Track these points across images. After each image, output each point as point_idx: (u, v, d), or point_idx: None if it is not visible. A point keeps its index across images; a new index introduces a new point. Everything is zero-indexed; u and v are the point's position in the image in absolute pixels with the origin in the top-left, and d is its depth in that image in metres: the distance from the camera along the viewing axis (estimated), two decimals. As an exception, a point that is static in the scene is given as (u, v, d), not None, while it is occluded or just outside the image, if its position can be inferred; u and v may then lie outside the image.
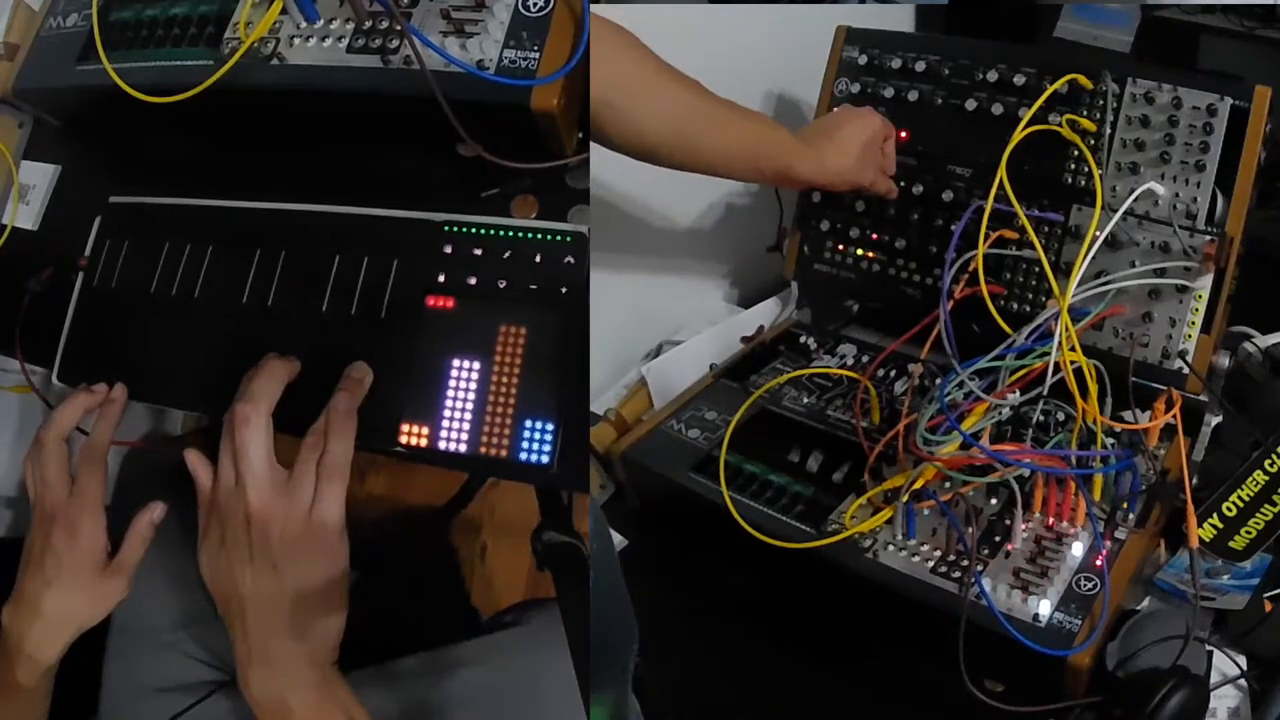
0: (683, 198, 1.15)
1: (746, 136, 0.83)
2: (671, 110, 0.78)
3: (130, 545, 0.71)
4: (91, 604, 0.70)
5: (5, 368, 0.90)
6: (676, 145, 0.79)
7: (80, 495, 0.70)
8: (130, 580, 0.71)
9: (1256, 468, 0.72)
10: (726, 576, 0.85)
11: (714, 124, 0.81)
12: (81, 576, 0.69)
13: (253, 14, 0.75)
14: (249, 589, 0.64)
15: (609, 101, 0.74)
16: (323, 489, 0.64)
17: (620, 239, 1.05)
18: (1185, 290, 0.82)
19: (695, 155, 0.81)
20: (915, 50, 0.97)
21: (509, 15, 0.69)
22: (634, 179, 0.80)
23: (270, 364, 0.67)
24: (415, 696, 0.83)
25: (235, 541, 0.64)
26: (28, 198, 0.92)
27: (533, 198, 0.75)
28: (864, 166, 0.90)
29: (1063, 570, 0.72)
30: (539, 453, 0.67)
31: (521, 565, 1.46)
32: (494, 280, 0.71)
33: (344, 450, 0.65)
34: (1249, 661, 0.69)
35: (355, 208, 0.76)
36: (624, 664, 0.59)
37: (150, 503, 0.73)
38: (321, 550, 0.65)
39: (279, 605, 0.64)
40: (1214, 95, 0.81)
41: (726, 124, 0.82)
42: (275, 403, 0.65)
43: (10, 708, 0.70)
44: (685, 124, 0.79)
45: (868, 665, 0.78)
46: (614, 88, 0.74)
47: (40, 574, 0.69)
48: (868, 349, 1.00)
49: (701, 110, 0.80)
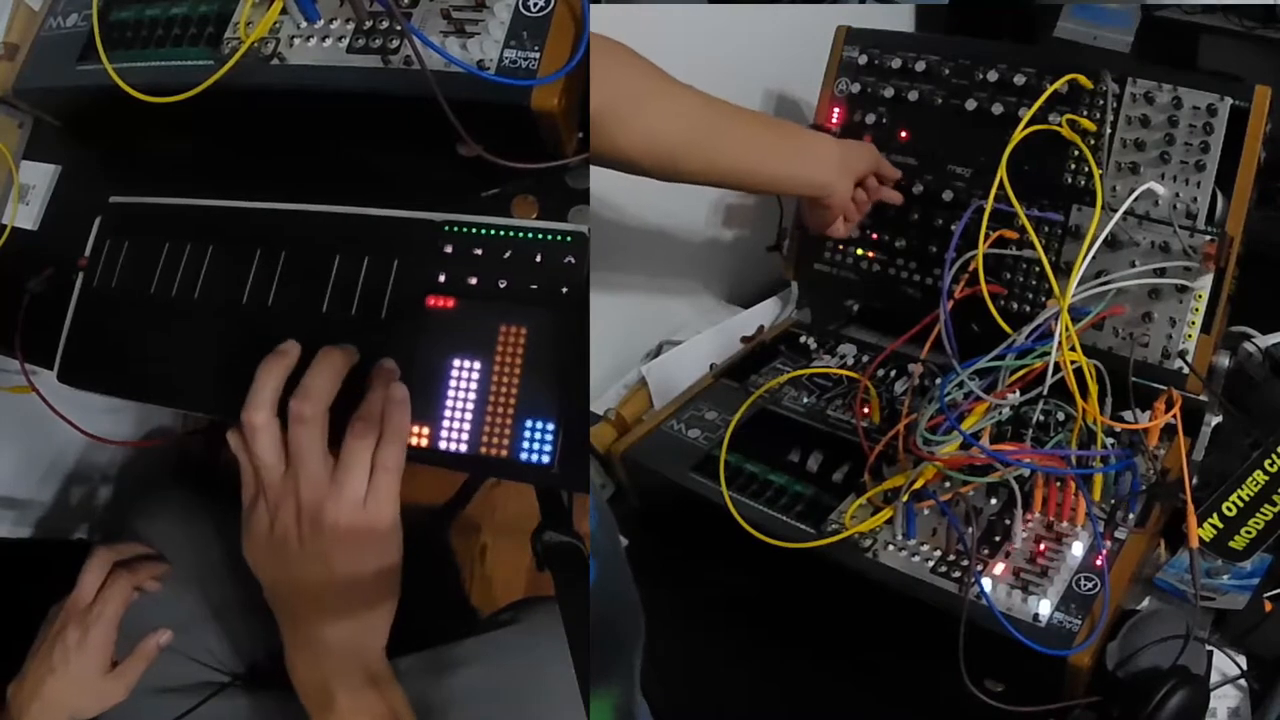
0: (683, 198, 1.14)
1: (756, 123, 0.84)
2: (683, 110, 0.79)
3: (133, 661, 0.78)
4: (87, 700, 0.76)
5: (5, 368, 0.90)
6: (693, 142, 0.79)
7: (101, 604, 0.77)
8: (129, 689, 0.77)
9: (1256, 467, 0.72)
10: (726, 576, 0.85)
11: (727, 117, 0.81)
12: (83, 675, 0.75)
13: (253, 14, 0.74)
14: (298, 577, 0.65)
15: (616, 112, 0.74)
16: (379, 480, 0.64)
17: (620, 239, 1.05)
18: (1185, 290, 0.82)
19: (715, 151, 0.81)
20: (915, 50, 0.97)
21: (509, 15, 0.69)
22: (634, 179, 0.80)
23: (328, 356, 0.67)
24: (414, 695, 0.83)
25: (285, 531, 0.64)
26: (28, 198, 0.92)
27: (533, 198, 0.75)
28: (836, 179, 0.89)
29: (1063, 570, 0.72)
30: (539, 453, 0.67)
31: (521, 565, 1.47)
32: (494, 280, 0.71)
33: (402, 443, 0.66)
34: (1249, 661, 0.69)
35: (355, 208, 0.76)
36: (631, 660, 0.59)
37: (160, 629, 0.80)
38: (374, 542, 0.65)
39: (328, 594, 0.65)
40: (1214, 95, 0.81)
41: (735, 116, 0.82)
42: (333, 397, 0.65)
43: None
44: (699, 121, 0.79)
45: (868, 665, 0.78)
46: (621, 98, 0.74)
47: (47, 661, 0.75)
48: (868, 349, 1.00)
49: (712, 107, 0.81)
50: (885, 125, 0.98)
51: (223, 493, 1.08)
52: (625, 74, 0.76)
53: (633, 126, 0.76)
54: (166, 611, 0.87)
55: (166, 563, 0.85)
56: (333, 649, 0.65)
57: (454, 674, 0.84)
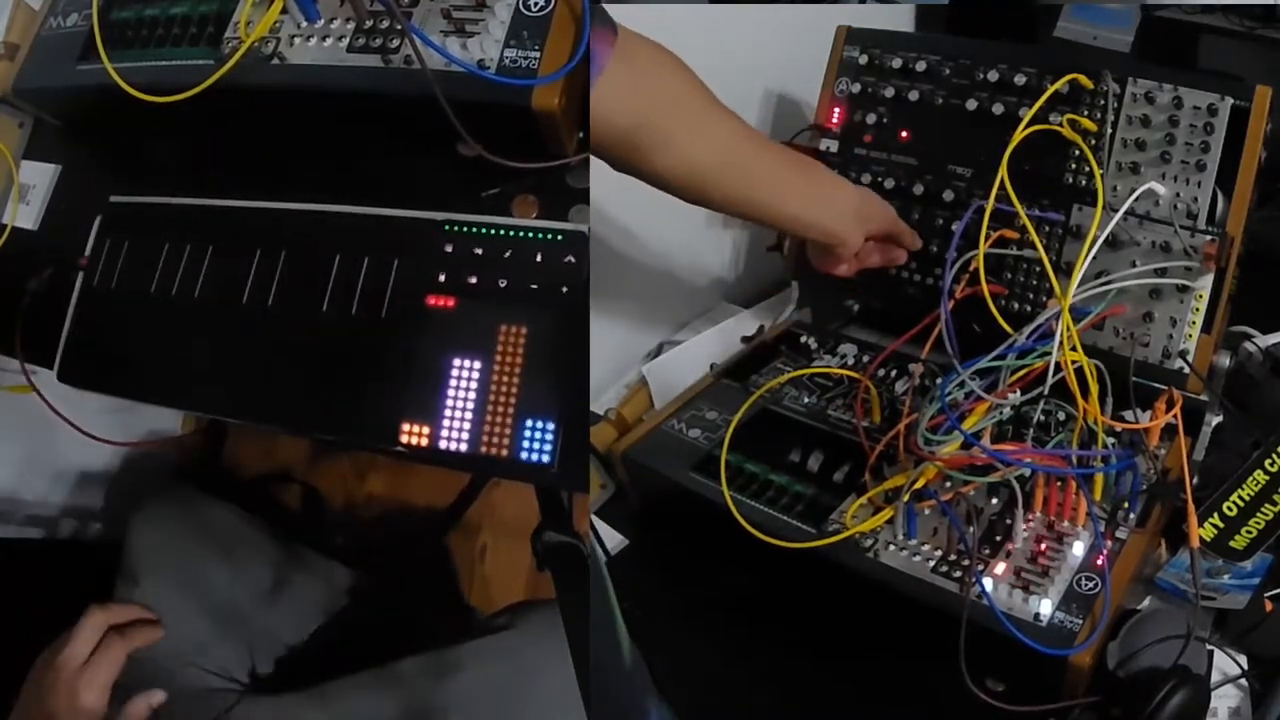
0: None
1: (783, 160, 0.82)
2: (724, 137, 0.77)
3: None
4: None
5: (5, 368, 0.90)
6: (726, 175, 0.77)
7: (94, 669, 0.74)
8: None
9: (1257, 467, 0.72)
10: (727, 576, 0.85)
11: (759, 151, 0.80)
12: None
13: (253, 13, 0.75)
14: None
15: (659, 127, 0.72)
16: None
17: (620, 239, 1.05)
18: (1186, 290, 0.82)
19: (744, 185, 0.79)
20: (915, 50, 0.97)
21: (510, 15, 0.69)
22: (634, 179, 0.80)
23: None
24: (415, 698, 0.83)
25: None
26: (28, 198, 0.92)
27: (533, 197, 0.75)
28: (849, 231, 0.87)
29: (1064, 570, 0.72)
30: (540, 452, 0.67)
31: (521, 565, 1.46)
32: (494, 280, 0.71)
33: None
34: (1249, 661, 0.69)
35: (356, 207, 0.76)
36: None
37: (152, 690, 0.77)
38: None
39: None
40: (1214, 95, 0.81)
41: (767, 151, 0.81)
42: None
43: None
44: (736, 152, 0.77)
45: (868, 665, 0.78)
46: (667, 113, 0.72)
47: (36, 710, 0.73)
48: (868, 349, 1.00)
49: (750, 139, 0.79)
50: (885, 125, 0.98)
51: (223, 493, 1.09)
52: (675, 86, 0.73)
53: (672, 146, 0.73)
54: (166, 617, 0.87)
55: (161, 627, 0.83)
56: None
57: (453, 679, 0.84)
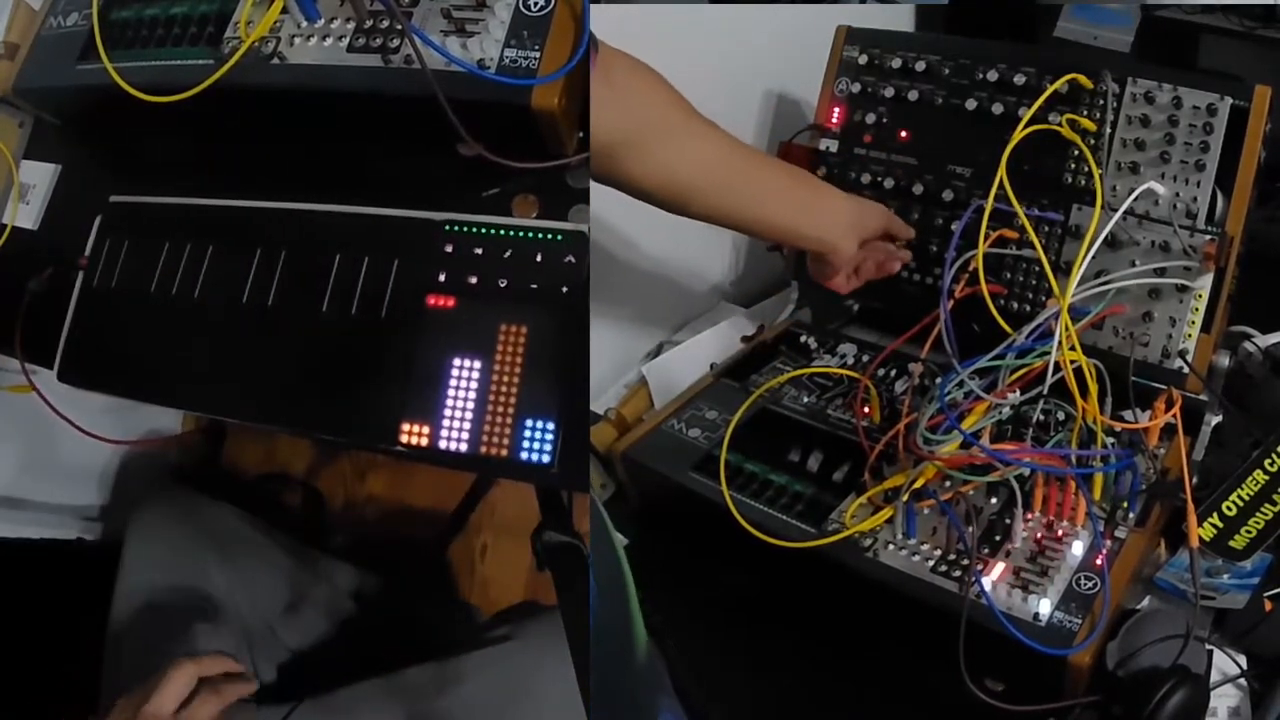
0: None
1: (772, 174, 0.82)
2: (705, 154, 0.77)
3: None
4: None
5: (5, 367, 0.90)
6: (708, 187, 0.78)
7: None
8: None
9: (1256, 467, 0.72)
10: (727, 576, 0.85)
11: (745, 168, 0.80)
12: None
13: (253, 13, 0.75)
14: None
15: (635, 143, 0.73)
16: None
17: (620, 239, 1.05)
18: (1185, 290, 0.82)
19: (727, 199, 0.79)
20: (915, 50, 0.97)
21: (510, 15, 0.69)
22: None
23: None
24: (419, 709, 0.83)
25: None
26: (28, 198, 0.92)
27: (533, 197, 0.75)
28: (842, 240, 0.87)
29: (1063, 569, 0.72)
30: (539, 452, 0.67)
31: (521, 565, 1.47)
32: (494, 279, 0.71)
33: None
34: (1249, 661, 0.69)
35: (356, 207, 0.76)
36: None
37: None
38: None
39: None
40: (1214, 95, 0.81)
41: (754, 166, 0.81)
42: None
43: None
44: (719, 167, 0.78)
45: (868, 664, 0.78)
46: (646, 126, 0.73)
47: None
48: (868, 348, 1.00)
49: (735, 154, 0.79)
50: (885, 125, 0.98)
51: (223, 493, 1.09)
52: (652, 105, 0.74)
53: (649, 161, 0.74)
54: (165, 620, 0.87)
55: (250, 681, 0.80)
56: None
57: (456, 689, 0.84)
